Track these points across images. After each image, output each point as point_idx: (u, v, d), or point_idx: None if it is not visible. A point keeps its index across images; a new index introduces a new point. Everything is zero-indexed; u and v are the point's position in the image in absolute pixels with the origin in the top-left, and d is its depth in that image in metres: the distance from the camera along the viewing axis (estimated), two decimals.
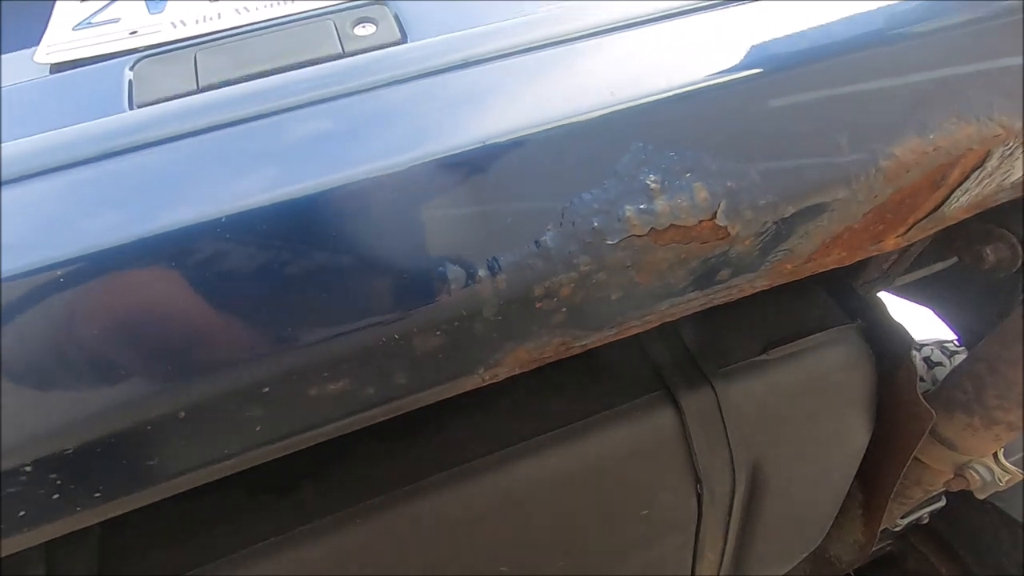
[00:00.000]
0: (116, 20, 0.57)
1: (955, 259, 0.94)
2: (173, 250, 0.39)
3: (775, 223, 0.49)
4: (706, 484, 0.76)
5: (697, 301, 0.55)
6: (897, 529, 1.31)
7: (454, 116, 0.44)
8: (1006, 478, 0.89)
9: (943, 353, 1.48)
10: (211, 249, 0.39)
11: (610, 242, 0.44)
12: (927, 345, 1.51)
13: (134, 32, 0.55)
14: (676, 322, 0.61)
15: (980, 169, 0.55)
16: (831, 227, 0.53)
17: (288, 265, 0.40)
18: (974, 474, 0.90)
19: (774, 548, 0.94)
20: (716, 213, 0.46)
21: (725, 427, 0.74)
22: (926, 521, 1.34)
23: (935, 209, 0.57)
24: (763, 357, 0.77)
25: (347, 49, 0.51)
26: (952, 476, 0.93)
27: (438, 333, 0.44)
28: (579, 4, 0.52)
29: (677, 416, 0.74)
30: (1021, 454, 1.21)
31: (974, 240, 0.89)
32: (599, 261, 0.44)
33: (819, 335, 0.80)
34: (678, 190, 0.45)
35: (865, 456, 0.91)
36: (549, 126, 0.43)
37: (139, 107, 0.46)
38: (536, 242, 0.43)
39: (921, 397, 0.79)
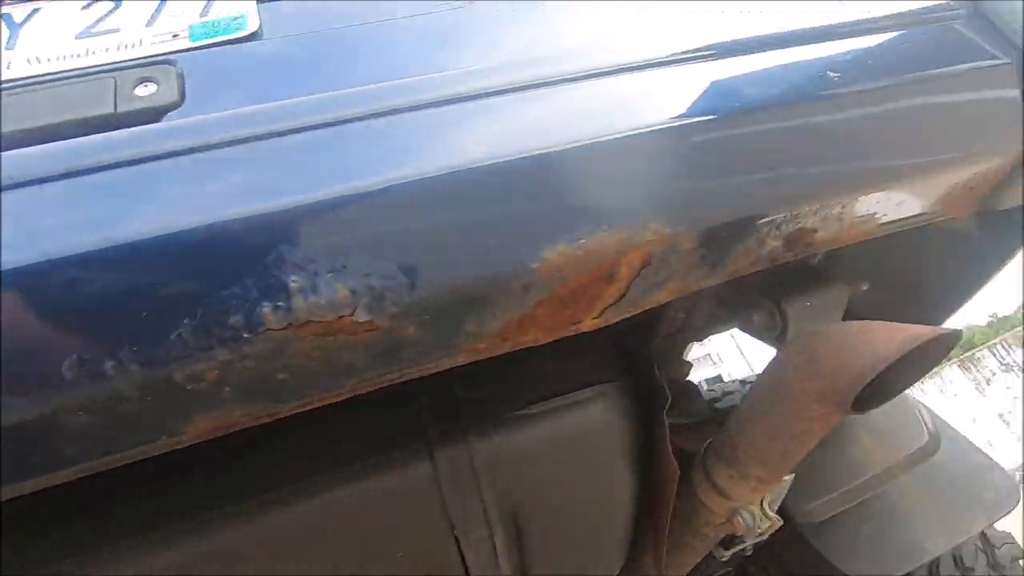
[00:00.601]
0: None
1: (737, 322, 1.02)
2: None
3: (433, 314, 0.54)
4: (461, 532, 0.81)
5: (391, 375, 0.59)
6: (724, 559, 1.39)
7: (118, 209, 0.48)
8: (766, 524, 0.97)
9: None
10: None
11: (246, 335, 0.48)
12: None
13: None
14: (449, 372, 0.65)
15: (648, 267, 0.61)
16: (504, 316, 0.58)
17: None
18: (740, 520, 0.97)
19: None
20: (356, 310, 0.50)
21: (477, 479, 0.80)
22: (750, 552, 1.42)
23: (621, 297, 0.63)
24: (523, 412, 0.83)
25: (120, 109, 0.55)
26: (726, 520, 1.00)
27: (81, 413, 0.47)
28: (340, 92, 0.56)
29: (431, 467, 0.78)
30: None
31: (743, 306, 0.97)
32: (238, 352, 0.49)
33: (583, 391, 0.86)
34: (318, 289, 0.49)
35: (649, 498, 0.98)
36: (192, 226, 0.47)
37: None
38: (171, 335, 0.47)
39: (671, 453, 0.86)
